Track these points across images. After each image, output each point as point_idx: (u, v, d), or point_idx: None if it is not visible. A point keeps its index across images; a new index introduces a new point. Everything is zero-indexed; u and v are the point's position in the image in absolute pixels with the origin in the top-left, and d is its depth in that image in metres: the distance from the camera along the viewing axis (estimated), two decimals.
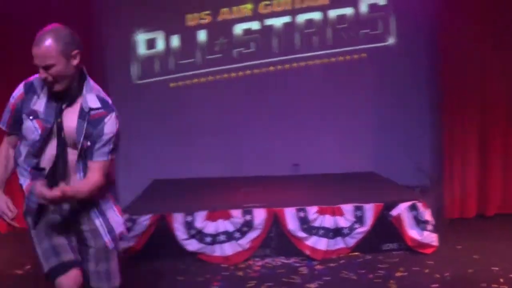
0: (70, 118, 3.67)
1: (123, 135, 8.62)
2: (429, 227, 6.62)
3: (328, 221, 6.56)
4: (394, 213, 6.62)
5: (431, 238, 6.61)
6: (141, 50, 9.21)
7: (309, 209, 6.61)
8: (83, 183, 3.69)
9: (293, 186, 8.13)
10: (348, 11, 9.12)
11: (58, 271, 3.68)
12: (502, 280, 5.67)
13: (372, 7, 9.09)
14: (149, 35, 9.19)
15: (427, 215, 6.64)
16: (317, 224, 6.55)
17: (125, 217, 6.54)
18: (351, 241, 6.57)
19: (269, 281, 5.85)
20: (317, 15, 9.12)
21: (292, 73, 9.15)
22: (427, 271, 6.02)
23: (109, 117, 3.70)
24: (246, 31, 9.17)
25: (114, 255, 3.95)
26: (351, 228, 6.56)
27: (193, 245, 6.52)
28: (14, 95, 3.76)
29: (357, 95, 9.10)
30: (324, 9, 9.12)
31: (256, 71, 9.17)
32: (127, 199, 7.67)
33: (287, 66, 9.15)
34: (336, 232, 6.57)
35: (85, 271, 3.84)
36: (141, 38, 9.19)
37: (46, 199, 3.45)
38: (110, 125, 3.70)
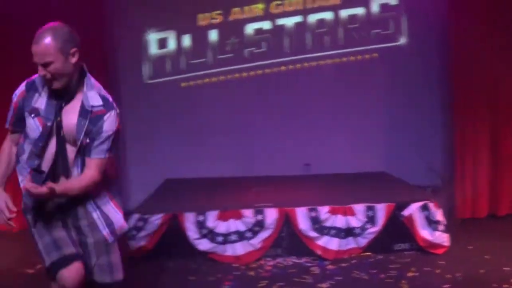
0: (70, 115, 3.71)
1: (136, 135, 8.64)
2: (441, 227, 6.60)
3: (339, 221, 6.56)
4: (405, 213, 6.61)
5: (442, 238, 6.59)
6: (153, 49, 9.22)
7: (320, 209, 6.61)
8: (78, 179, 3.74)
9: (304, 186, 8.11)
10: (359, 11, 9.11)
11: (60, 264, 3.71)
12: None
13: (383, 7, 9.08)
14: (161, 35, 9.20)
15: (439, 215, 6.62)
16: (329, 224, 6.55)
17: (137, 216, 6.60)
18: (363, 241, 6.57)
19: (280, 281, 5.85)
20: (328, 15, 9.11)
21: (303, 73, 9.14)
22: (438, 271, 6.01)
23: (108, 115, 3.74)
24: (257, 31, 9.18)
25: (114, 248, 3.97)
26: (363, 228, 6.56)
27: (204, 245, 6.53)
28: (16, 93, 3.82)
29: (368, 95, 9.10)
30: (335, 9, 9.11)
31: (267, 71, 9.16)
32: (138, 198, 7.73)
33: (298, 66, 9.14)
34: (347, 232, 6.57)
35: (87, 266, 3.86)
36: (153, 37, 9.20)
37: (33, 195, 3.49)
38: (109, 123, 3.74)
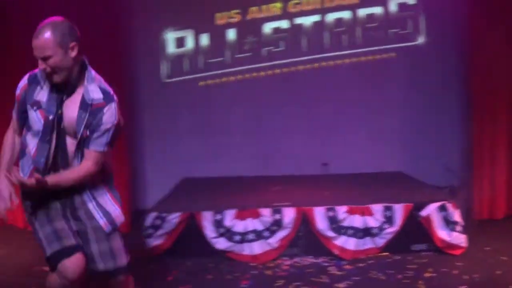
0: (70, 108, 3.75)
1: (153, 134, 8.65)
2: (458, 228, 6.56)
3: (357, 221, 6.55)
4: (423, 213, 6.58)
5: (460, 239, 6.55)
6: (171, 49, 9.24)
7: (338, 208, 6.60)
8: (73, 170, 3.79)
9: (322, 185, 8.07)
10: (377, 10, 9.09)
11: (62, 255, 3.76)
12: None
13: (401, 6, 9.06)
14: (179, 34, 9.22)
15: (457, 216, 6.59)
16: (346, 224, 6.54)
17: (154, 215, 6.63)
18: (381, 241, 6.55)
19: (297, 281, 5.85)
20: (346, 14, 9.10)
21: (321, 72, 9.12)
22: (455, 272, 5.98)
23: (108, 107, 3.77)
24: (275, 30, 9.18)
25: (115, 234, 4.01)
26: (381, 228, 6.54)
27: (222, 244, 6.55)
28: (19, 86, 3.87)
29: (386, 95, 9.08)
30: (353, 8, 9.10)
31: (285, 70, 9.16)
32: (156, 197, 7.76)
33: (316, 65, 9.13)
34: (365, 232, 6.55)
35: (88, 255, 3.91)
36: (171, 36, 9.22)
37: (24, 185, 3.54)
38: (108, 116, 3.78)
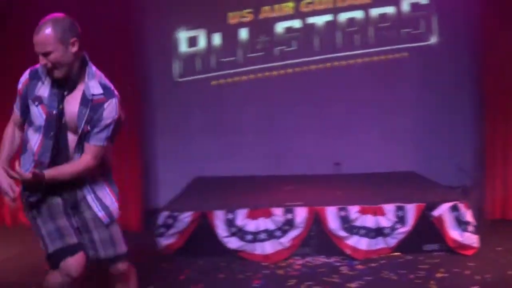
0: (71, 104, 3.78)
1: (165, 133, 8.66)
2: (470, 228, 6.54)
3: (369, 221, 6.53)
4: (435, 213, 6.56)
5: (472, 239, 6.53)
6: (183, 48, 9.26)
7: (350, 208, 6.59)
8: (72, 164, 3.82)
9: (334, 185, 8.07)
10: (390, 10, 9.08)
11: (65, 253, 3.81)
12: None
13: (414, 6, 9.05)
14: (191, 33, 9.24)
15: (469, 216, 6.56)
16: (359, 223, 6.53)
17: (166, 214, 6.64)
18: (392, 241, 6.53)
19: (309, 280, 5.84)
20: (358, 14, 9.10)
21: (333, 72, 9.12)
22: (467, 272, 5.96)
23: (108, 103, 3.80)
24: (287, 29, 9.19)
25: (113, 225, 4.04)
26: (393, 228, 6.52)
27: (233, 243, 6.55)
28: (20, 81, 3.90)
29: (398, 95, 9.07)
30: (366, 8, 9.10)
31: (297, 69, 9.16)
32: (168, 196, 7.78)
33: (328, 64, 9.13)
34: (377, 232, 6.54)
35: (92, 243, 3.97)
36: (183, 36, 9.25)
37: (22, 179, 3.57)
38: (109, 111, 3.80)
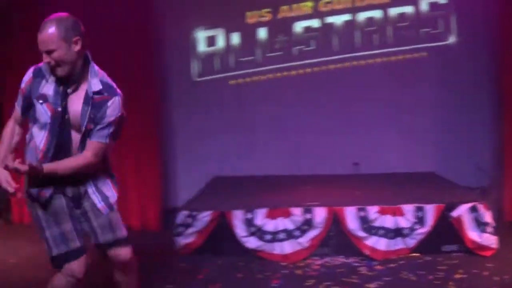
0: (75, 102, 3.82)
1: (184, 132, 8.70)
2: (489, 229, 6.51)
3: (388, 221, 6.53)
4: (454, 214, 6.54)
5: (491, 240, 6.51)
6: (201, 47, 9.28)
7: (369, 208, 6.59)
8: (72, 158, 3.86)
9: (353, 185, 8.05)
10: (408, 9, 9.05)
11: (69, 257, 3.91)
12: None
13: (432, 6, 9.01)
14: (210, 33, 9.25)
15: (488, 217, 6.54)
16: (378, 224, 6.52)
17: (186, 213, 6.69)
18: (411, 242, 6.51)
19: (328, 280, 5.84)
20: (377, 13, 9.08)
21: (352, 72, 9.10)
22: (486, 273, 5.94)
23: (112, 101, 3.84)
24: (306, 29, 9.19)
25: (112, 213, 4.10)
26: (412, 228, 6.50)
27: (252, 243, 6.57)
28: (23, 80, 3.93)
29: (417, 94, 9.03)
30: (384, 7, 9.07)
31: (316, 69, 9.15)
32: (186, 195, 7.82)
33: (347, 64, 9.11)
34: (396, 232, 6.53)
35: (92, 230, 4.05)
36: (201, 35, 9.27)
37: (19, 172, 3.58)
38: (112, 109, 3.84)
